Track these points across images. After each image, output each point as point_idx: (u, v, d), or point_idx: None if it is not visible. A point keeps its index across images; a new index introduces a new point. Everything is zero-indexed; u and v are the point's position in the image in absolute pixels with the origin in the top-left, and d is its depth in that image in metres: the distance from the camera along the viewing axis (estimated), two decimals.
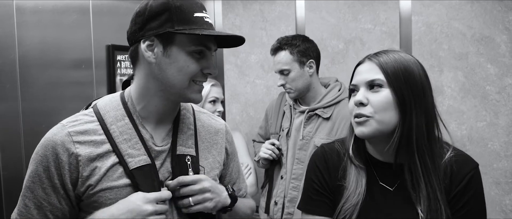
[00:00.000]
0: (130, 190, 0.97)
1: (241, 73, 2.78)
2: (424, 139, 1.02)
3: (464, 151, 1.13)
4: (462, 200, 1.04)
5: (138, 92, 1.04)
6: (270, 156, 1.96)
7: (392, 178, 1.09)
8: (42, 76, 1.84)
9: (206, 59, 1.01)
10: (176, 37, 0.97)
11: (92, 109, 1.04)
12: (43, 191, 0.96)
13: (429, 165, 1.03)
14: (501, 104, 1.97)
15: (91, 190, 0.96)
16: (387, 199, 1.08)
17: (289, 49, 1.89)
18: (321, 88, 1.96)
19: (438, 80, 2.09)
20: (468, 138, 2.05)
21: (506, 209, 1.97)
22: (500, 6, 1.94)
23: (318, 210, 1.15)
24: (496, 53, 1.96)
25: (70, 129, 0.97)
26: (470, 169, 1.06)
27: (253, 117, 2.74)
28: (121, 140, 0.99)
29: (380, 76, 1.02)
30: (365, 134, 1.03)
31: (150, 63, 0.99)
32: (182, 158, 1.05)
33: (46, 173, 0.95)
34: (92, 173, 0.96)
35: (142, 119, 1.03)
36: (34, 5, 1.80)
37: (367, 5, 2.27)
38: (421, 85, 1.02)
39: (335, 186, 1.14)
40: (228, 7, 2.78)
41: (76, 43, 1.98)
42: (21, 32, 1.75)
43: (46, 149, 0.95)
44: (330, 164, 1.16)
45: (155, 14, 0.97)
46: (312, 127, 1.89)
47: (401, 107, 1.00)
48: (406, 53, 1.07)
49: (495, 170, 1.99)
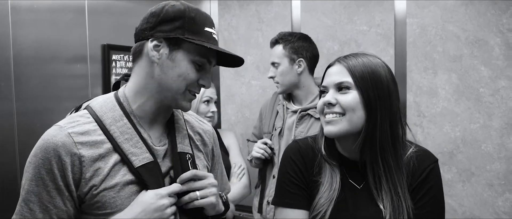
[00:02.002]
0: (133, 187, 0.99)
1: (236, 73, 2.78)
2: (387, 139, 1.08)
3: (426, 148, 1.19)
4: (421, 191, 1.11)
5: (135, 90, 1.06)
6: (262, 155, 1.96)
7: (359, 177, 1.15)
8: (36, 75, 1.83)
9: (205, 72, 1.07)
10: (184, 44, 1.02)
11: (86, 110, 1.04)
12: (47, 194, 0.95)
13: (392, 163, 1.08)
14: (494, 106, 1.98)
15: (95, 190, 0.96)
16: (356, 196, 1.13)
17: (283, 44, 1.93)
18: (314, 88, 1.97)
19: (432, 82, 2.10)
20: (461, 140, 2.06)
21: (499, 210, 1.98)
22: (494, 9, 1.96)
23: (296, 204, 1.16)
24: (490, 56, 1.98)
25: (70, 130, 0.97)
26: (430, 163, 1.13)
27: (249, 118, 2.74)
28: (123, 139, 1.00)
29: (348, 78, 1.08)
30: (333, 133, 1.09)
31: (153, 62, 1.02)
32: (183, 156, 1.08)
33: (49, 175, 0.94)
34: (95, 173, 0.97)
35: (139, 118, 1.05)
36: (29, 4, 1.80)
37: (362, 7, 2.28)
38: (387, 87, 1.08)
39: (311, 181, 1.17)
40: (224, 8, 2.78)
41: (71, 42, 1.97)
42: (16, 31, 1.74)
43: (47, 151, 0.94)
44: (306, 159, 1.19)
45: (170, 18, 1.01)
46: (304, 127, 1.89)
47: (367, 108, 1.06)
48: (374, 56, 1.13)
49: (488, 172, 2.00)
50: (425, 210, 1.10)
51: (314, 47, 1.97)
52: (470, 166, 2.04)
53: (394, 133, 1.09)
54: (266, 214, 1.98)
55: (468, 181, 2.05)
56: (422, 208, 1.10)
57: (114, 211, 0.97)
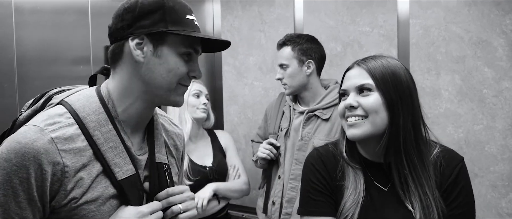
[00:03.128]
0: (114, 201, 0.93)
1: (239, 74, 2.78)
2: (411, 139, 1.07)
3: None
4: (454, 192, 1.10)
5: (119, 93, 0.97)
6: (268, 156, 1.97)
7: (384, 178, 1.13)
8: (40, 76, 1.84)
9: (193, 62, 0.99)
10: (168, 38, 0.94)
11: (63, 107, 0.93)
12: (16, 205, 0.84)
13: (417, 163, 1.07)
14: (498, 107, 1.97)
15: (74, 203, 0.87)
16: (383, 198, 1.12)
17: (291, 46, 1.93)
18: (321, 89, 1.97)
19: (436, 83, 2.10)
20: (465, 141, 2.05)
21: (502, 212, 1.98)
22: (497, 10, 1.95)
23: (321, 211, 1.16)
24: (493, 57, 1.97)
25: (53, 135, 0.86)
26: (458, 162, 1.13)
27: (251, 119, 2.75)
28: (107, 148, 0.92)
29: (369, 81, 1.08)
30: (357, 136, 1.08)
31: (137, 62, 0.94)
32: (160, 167, 1.02)
33: (23, 185, 0.83)
34: (77, 184, 0.87)
35: (123, 123, 0.97)
36: (32, 6, 1.81)
37: (365, 8, 2.28)
38: (408, 88, 1.08)
39: (335, 186, 1.16)
40: (227, 9, 2.78)
41: (74, 43, 1.98)
42: (20, 32, 1.75)
43: (24, 158, 0.82)
44: (328, 165, 1.18)
45: (148, 12, 0.93)
46: (311, 128, 1.89)
47: (390, 109, 1.06)
48: (392, 58, 1.13)
49: (492, 173, 1.99)
50: (459, 210, 1.09)
51: (321, 48, 1.99)
52: (474, 168, 2.03)
53: (418, 133, 1.09)
54: (271, 214, 1.98)
55: (472, 182, 2.04)
56: (456, 208, 1.09)
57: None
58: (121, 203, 0.93)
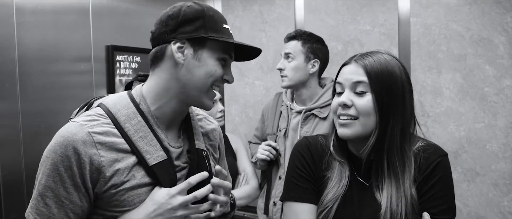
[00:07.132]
0: (150, 188, 1.01)
1: (240, 74, 2.78)
2: (396, 142, 1.08)
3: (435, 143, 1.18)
4: (427, 185, 1.09)
5: (155, 92, 1.06)
6: (268, 157, 1.96)
7: (368, 174, 1.15)
8: (41, 76, 1.84)
9: (228, 67, 1.09)
10: (208, 43, 1.03)
11: (100, 108, 1.04)
12: (65, 190, 0.96)
13: (396, 162, 1.08)
14: (499, 105, 1.97)
15: (114, 189, 0.98)
16: (363, 193, 1.13)
17: (301, 41, 1.93)
18: (319, 89, 1.97)
19: (437, 81, 2.10)
20: (466, 140, 2.05)
21: (504, 210, 1.97)
22: (498, 7, 1.95)
23: (304, 197, 1.16)
24: (494, 55, 1.97)
25: (90, 130, 0.97)
26: (437, 157, 1.11)
27: (252, 118, 2.75)
28: (137, 137, 1.02)
29: (364, 78, 1.07)
30: (347, 136, 1.10)
31: (178, 64, 1.03)
32: (200, 153, 1.11)
33: (68, 172, 0.95)
34: (115, 173, 0.98)
35: (156, 119, 1.06)
36: (34, 6, 1.81)
37: (366, 7, 2.28)
38: (402, 89, 1.08)
39: (320, 176, 1.17)
40: (227, 8, 2.79)
41: (75, 43, 1.98)
42: (21, 32, 1.76)
43: (66, 149, 0.95)
44: (315, 154, 1.19)
45: (190, 19, 1.03)
46: (309, 127, 1.89)
47: (380, 113, 1.06)
48: (391, 57, 1.12)
49: (493, 172, 1.99)
50: (432, 204, 1.09)
51: (328, 52, 1.99)
52: (475, 166, 2.03)
53: (404, 138, 1.09)
54: (272, 215, 1.98)
55: (473, 181, 2.04)
56: (428, 202, 1.09)
57: (130, 209, 1.00)
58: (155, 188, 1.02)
